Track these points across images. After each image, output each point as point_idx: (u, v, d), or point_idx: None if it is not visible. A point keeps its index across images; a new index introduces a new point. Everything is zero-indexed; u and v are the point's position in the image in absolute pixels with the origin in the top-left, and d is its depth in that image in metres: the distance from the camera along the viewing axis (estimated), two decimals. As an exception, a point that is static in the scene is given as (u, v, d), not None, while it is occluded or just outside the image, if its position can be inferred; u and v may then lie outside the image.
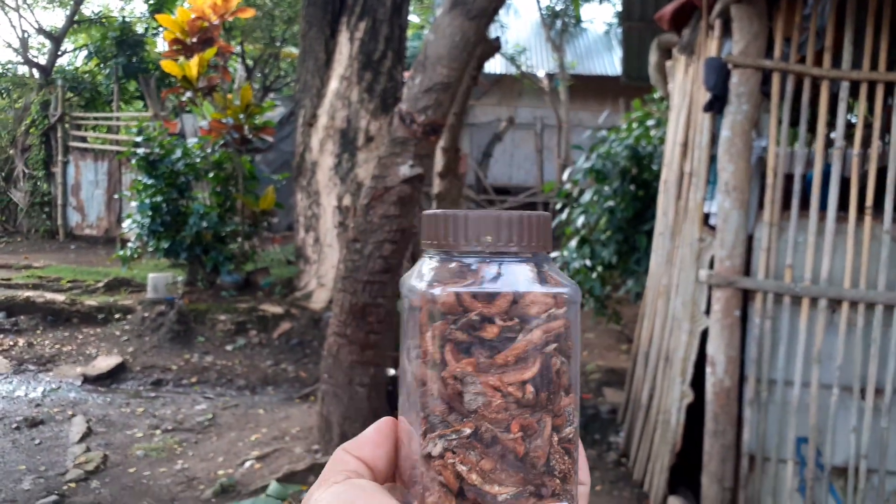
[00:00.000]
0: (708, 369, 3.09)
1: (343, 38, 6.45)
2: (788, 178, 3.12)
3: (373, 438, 0.47)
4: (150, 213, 6.58)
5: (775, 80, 3.01)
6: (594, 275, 5.42)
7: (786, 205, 3.06)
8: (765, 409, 3.04)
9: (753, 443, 3.04)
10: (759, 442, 3.05)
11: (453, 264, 0.45)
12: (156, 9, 13.20)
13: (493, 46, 5.81)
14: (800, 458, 3.03)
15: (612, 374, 5.57)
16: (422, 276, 0.45)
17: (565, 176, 6.39)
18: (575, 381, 0.45)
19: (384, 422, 0.48)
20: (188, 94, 6.57)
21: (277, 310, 6.35)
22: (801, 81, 3.03)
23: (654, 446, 3.55)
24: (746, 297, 3.07)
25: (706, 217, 3.33)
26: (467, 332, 0.42)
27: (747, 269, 3.08)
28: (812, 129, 4.14)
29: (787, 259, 3.01)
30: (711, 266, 3.17)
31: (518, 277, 0.44)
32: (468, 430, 0.42)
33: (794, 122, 3.23)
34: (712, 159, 3.30)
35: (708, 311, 3.15)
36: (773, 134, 3.04)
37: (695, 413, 3.24)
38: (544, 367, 0.43)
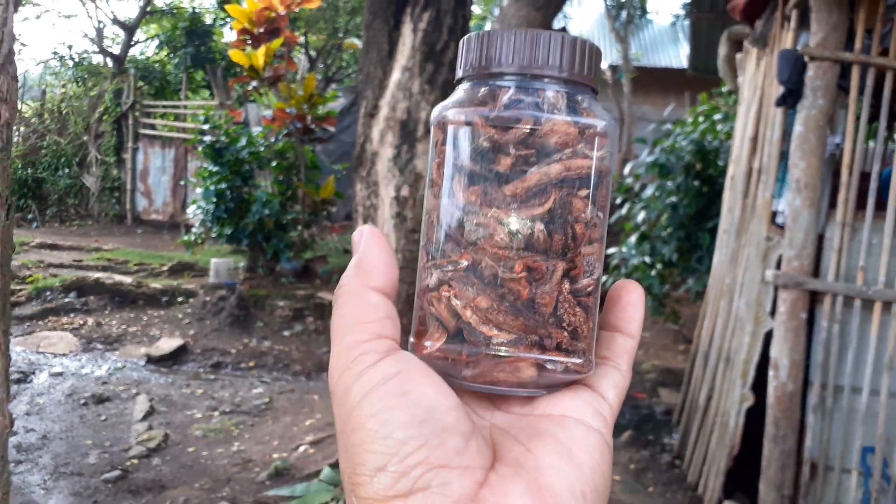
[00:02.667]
0: (770, 372, 2.99)
1: (406, 29, 6.47)
2: (863, 177, 2.99)
3: (382, 259, 0.41)
4: (214, 199, 6.74)
5: (855, 73, 2.88)
6: (653, 272, 5.31)
7: (860, 204, 2.93)
8: (829, 415, 2.93)
9: (816, 450, 2.93)
10: (822, 450, 2.93)
11: (481, 89, 0.40)
12: (224, 0, 13.51)
13: (557, 38, 5.73)
14: (865, 469, 2.91)
15: (667, 375, 5.46)
16: (447, 101, 0.41)
17: (627, 170, 6.28)
18: (601, 232, 0.40)
19: (376, 233, 0.42)
20: (254, 83, 6.70)
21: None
22: (883, 75, 2.89)
23: (710, 449, 3.46)
24: (814, 299, 2.96)
25: (774, 215, 3.22)
26: (477, 161, 0.38)
27: (816, 271, 2.97)
28: (891, 125, 3.96)
29: (859, 261, 2.88)
30: (778, 266, 3.06)
31: (543, 105, 0.39)
32: (465, 262, 0.38)
33: (872, 118, 3.08)
34: (783, 155, 3.19)
35: (773, 313, 3.04)
36: (851, 130, 2.91)
37: (754, 417, 3.14)
38: (560, 207, 0.38)
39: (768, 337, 3.07)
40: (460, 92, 0.41)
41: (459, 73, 0.41)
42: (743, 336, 3.24)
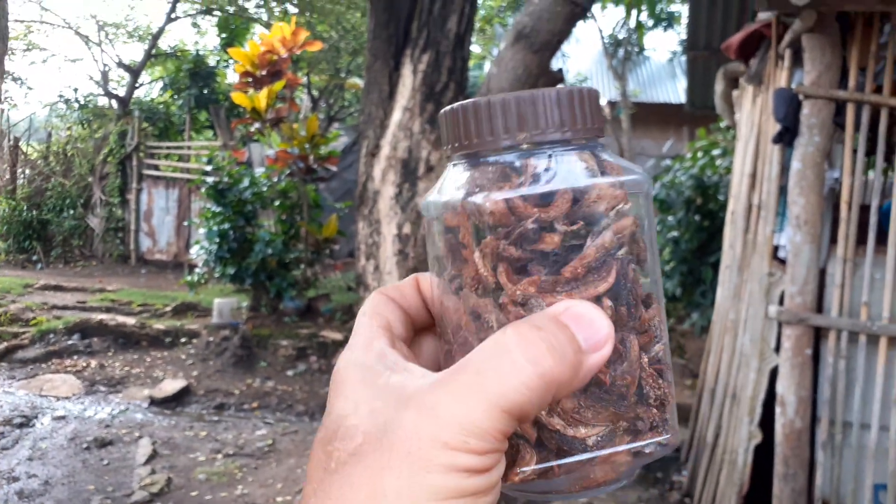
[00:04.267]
0: (777, 409, 2.97)
1: (406, 71, 6.57)
2: (864, 210, 3.00)
3: (412, 286, 0.41)
4: (217, 239, 6.78)
5: (850, 111, 2.91)
6: (657, 307, 5.30)
7: (861, 238, 2.94)
8: (839, 452, 2.90)
9: (827, 488, 2.90)
10: (832, 487, 2.90)
11: (490, 167, 0.35)
12: (227, 43, 13.72)
13: (556, 78, 5.81)
14: (878, 507, 2.87)
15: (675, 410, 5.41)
16: (451, 187, 0.36)
17: (627, 206, 6.31)
18: (657, 288, 0.37)
19: (419, 277, 0.42)
20: (257, 125, 6.78)
21: (337, 336, 6.43)
22: (878, 112, 2.92)
23: (719, 487, 3.42)
24: (819, 334, 2.95)
25: (775, 250, 3.22)
26: (523, 246, 0.34)
27: (819, 306, 2.97)
28: (889, 158, 3.98)
29: (862, 296, 2.88)
30: (781, 302, 3.06)
31: (575, 170, 0.35)
32: None
33: (870, 152, 3.11)
34: (782, 190, 3.21)
35: (778, 349, 3.03)
36: (848, 166, 2.93)
37: (763, 454, 3.11)
38: (621, 276, 0.35)
39: (774, 373, 3.05)
40: (467, 172, 0.37)
41: (450, 150, 0.37)
42: (748, 372, 3.23)
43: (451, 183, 0.37)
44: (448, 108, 0.37)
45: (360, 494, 0.31)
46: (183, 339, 6.75)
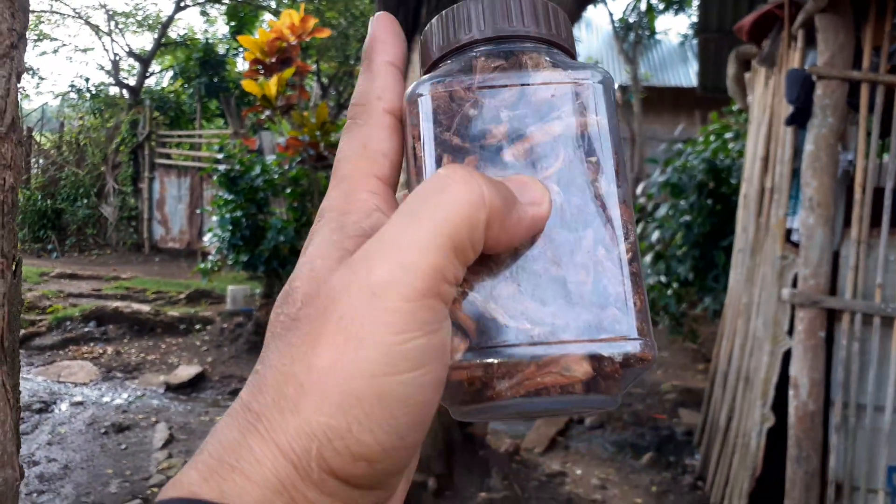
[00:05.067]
0: (791, 392, 2.97)
1: (415, 57, 6.55)
2: (878, 193, 2.99)
3: (396, 80, 0.37)
4: (230, 227, 6.81)
5: (864, 91, 2.89)
6: (669, 291, 5.29)
7: (875, 221, 2.93)
8: (853, 435, 2.90)
9: (840, 470, 2.90)
10: (846, 470, 2.90)
11: (453, 63, 0.35)
12: (237, 30, 13.72)
13: (566, 61, 5.79)
14: (891, 489, 2.87)
15: (687, 395, 5.42)
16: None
17: (639, 190, 6.29)
18: (624, 190, 0.33)
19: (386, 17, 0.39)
20: (267, 112, 6.79)
21: (350, 323, 6.47)
22: (893, 92, 2.90)
23: (732, 470, 3.43)
24: (832, 317, 2.94)
25: (788, 233, 3.21)
26: (466, 134, 0.33)
27: (833, 289, 2.96)
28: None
29: (877, 278, 2.87)
30: (794, 284, 3.05)
31: (528, 64, 0.34)
32: None
33: (885, 134, 3.09)
34: (795, 173, 3.19)
35: (791, 332, 3.03)
36: (862, 148, 2.91)
37: (776, 437, 3.12)
38: (571, 167, 0.33)
39: (787, 356, 3.05)
40: (432, 72, 0.36)
41: (429, 61, 0.37)
42: (761, 355, 3.23)
43: (421, 78, 0.36)
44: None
45: (297, 368, 0.29)
46: (197, 326, 6.81)
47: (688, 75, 14.74)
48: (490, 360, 0.30)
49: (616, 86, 0.36)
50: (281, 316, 0.31)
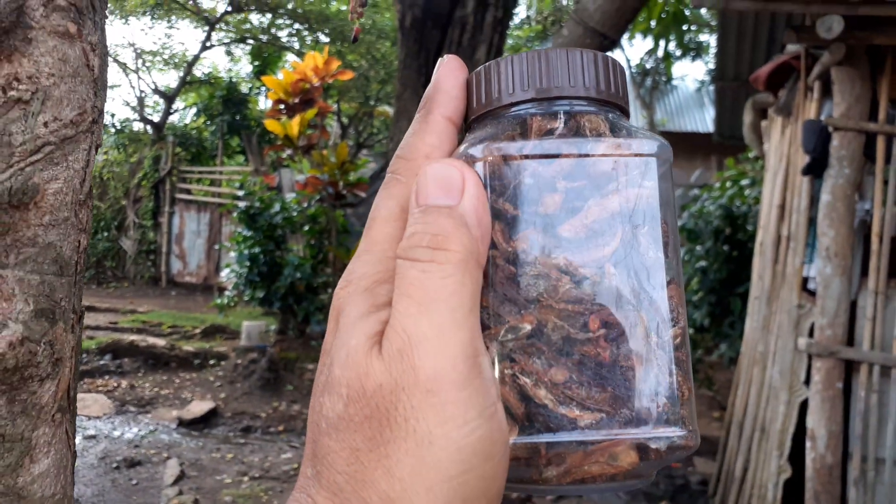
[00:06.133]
0: (808, 444, 2.93)
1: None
2: (895, 242, 2.98)
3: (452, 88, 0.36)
4: (247, 263, 6.88)
5: (880, 143, 2.90)
6: (685, 337, 5.26)
7: (893, 271, 2.92)
8: (871, 490, 2.85)
9: (860, 526, 2.85)
10: (865, 525, 2.84)
11: (502, 123, 0.33)
12: (260, 70, 14.02)
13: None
14: (912, 546, 2.81)
15: (703, 443, 5.34)
16: (459, 147, 0.34)
17: (655, 235, 6.28)
18: (676, 269, 0.33)
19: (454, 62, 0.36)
20: (288, 151, 6.90)
21: (363, 361, 6.46)
22: (908, 144, 2.91)
23: (749, 522, 3.36)
24: (850, 368, 2.91)
25: (805, 281, 3.20)
26: (520, 202, 0.32)
27: (850, 339, 2.94)
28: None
29: (894, 330, 2.85)
30: (811, 334, 3.03)
31: (585, 129, 0.33)
32: (528, 327, 0.31)
33: (901, 185, 3.10)
34: (811, 222, 3.19)
35: (807, 382, 3.00)
36: (879, 197, 2.92)
37: (794, 489, 3.06)
38: (628, 244, 0.31)
39: (804, 406, 3.02)
40: (476, 131, 0.34)
41: (471, 116, 0.36)
42: (778, 405, 3.19)
43: (466, 140, 0.35)
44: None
45: (376, 475, 0.29)
46: (211, 361, 6.83)
47: (704, 121, 14.82)
48: (538, 447, 0.30)
49: (670, 155, 0.34)
50: (326, 409, 0.31)
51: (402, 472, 0.29)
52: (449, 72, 0.36)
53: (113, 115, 14.32)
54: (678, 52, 13.02)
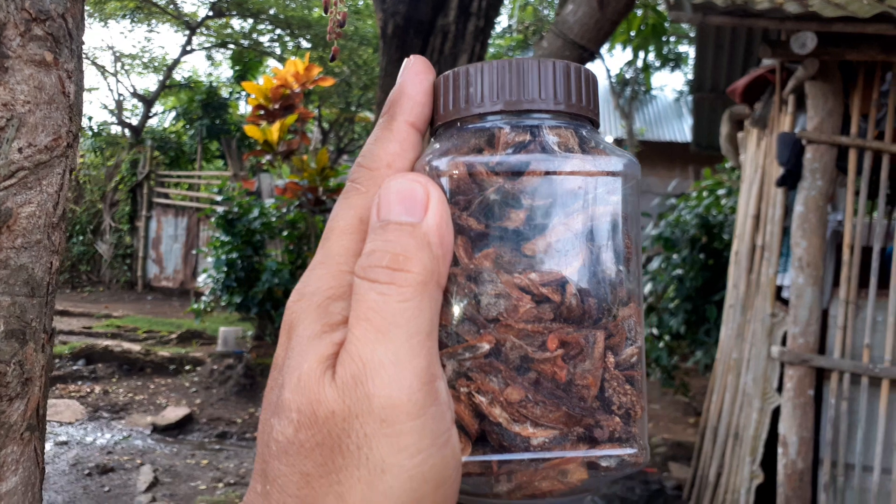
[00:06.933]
0: (780, 450, 2.97)
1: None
2: (866, 252, 3.04)
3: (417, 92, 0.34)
4: (225, 268, 6.83)
5: (852, 156, 2.97)
6: (661, 344, 5.31)
7: (863, 281, 2.98)
8: (841, 495, 2.89)
9: (830, 531, 2.89)
10: (836, 531, 2.89)
11: (468, 135, 0.33)
12: (241, 75, 13.97)
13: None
14: (881, 551, 2.86)
15: (678, 448, 5.39)
16: (422, 156, 0.33)
17: (632, 243, 6.34)
18: (636, 288, 0.33)
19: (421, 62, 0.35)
20: (268, 157, 6.88)
21: (341, 367, 6.44)
22: (880, 157, 2.98)
23: (722, 529, 3.40)
24: (821, 375, 2.97)
25: (779, 290, 3.26)
26: (484, 218, 0.31)
27: (822, 347, 2.99)
28: (892, 201, 4.03)
29: (864, 338, 2.90)
30: (784, 342, 3.08)
31: (553, 145, 0.32)
32: (486, 346, 0.31)
33: (872, 195, 3.16)
34: (785, 232, 3.25)
35: (780, 389, 3.05)
36: (850, 210, 2.98)
37: (765, 494, 3.10)
38: (592, 263, 0.32)
39: (776, 413, 3.06)
40: (442, 141, 0.34)
41: (435, 121, 0.35)
42: (751, 412, 3.24)
43: (429, 149, 0.34)
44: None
45: (327, 501, 0.29)
46: (187, 367, 6.77)
47: (682, 131, 14.99)
48: (491, 464, 0.31)
49: (637, 172, 0.34)
50: (276, 433, 0.30)
51: (354, 499, 0.29)
52: (414, 75, 0.34)
53: (90, 119, 14.17)
54: (657, 63, 13.17)
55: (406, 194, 0.30)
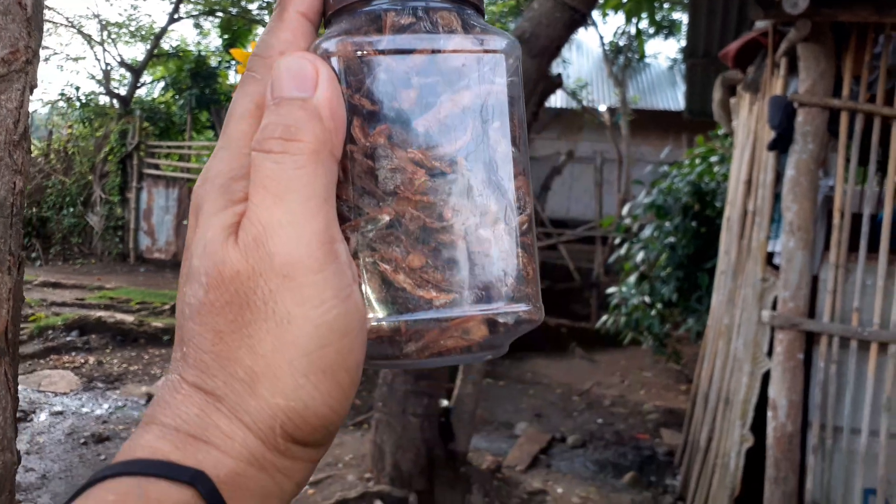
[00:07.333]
0: (769, 413, 3.00)
1: None
2: (856, 218, 3.04)
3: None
4: (216, 239, 6.81)
5: (843, 119, 2.95)
6: (653, 312, 5.33)
7: (853, 246, 2.98)
8: (829, 457, 2.93)
9: (817, 492, 2.93)
10: (823, 491, 2.93)
11: (358, 19, 0.34)
12: (229, 43, 13.77)
13: (555, 83, 5.84)
14: (867, 511, 2.90)
15: (669, 415, 5.45)
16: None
17: (625, 210, 6.35)
18: (525, 162, 0.35)
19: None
20: (257, 125, 6.82)
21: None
22: (871, 121, 2.97)
23: (712, 491, 3.45)
24: (811, 339, 2.99)
25: (770, 256, 3.26)
26: (376, 97, 0.33)
27: (812, 311, 3.00)
28: (882, 167, 4.02)
29: (854, 302, 2.92)
30: (774, 307, 3.10)
31: (437, 26, 0.34)
32: (387, 218, 0.33)
33: (863, 161, 3.16)
34: (776, 198, 3.25)
35: (770, 353, 3.07)
36: (841, 174, 2.97)
37: (755, 458, 3.14)
38: (480, 137, 0.34)
39: (766, 377, 3.09)
40: (334, 27, 0.35)
41: (328, 11, 0.36)
42: (741, 377, 3.26)
43: (324, 35, 0.35)
44: None
45: (240, 353, 0.31)
46: (181, 338, 6.79)
47: (676, 99, 14.92)
48: (399, 326, 0.33)
49: (518, 52, 0.36)
50: (188, 297, 0.33)
51: (265, 349, 0.31)
52: None
53: (78, 89, 14.00)
54: (651, 30, 13.05)
55: (296, 72, 0.32)
